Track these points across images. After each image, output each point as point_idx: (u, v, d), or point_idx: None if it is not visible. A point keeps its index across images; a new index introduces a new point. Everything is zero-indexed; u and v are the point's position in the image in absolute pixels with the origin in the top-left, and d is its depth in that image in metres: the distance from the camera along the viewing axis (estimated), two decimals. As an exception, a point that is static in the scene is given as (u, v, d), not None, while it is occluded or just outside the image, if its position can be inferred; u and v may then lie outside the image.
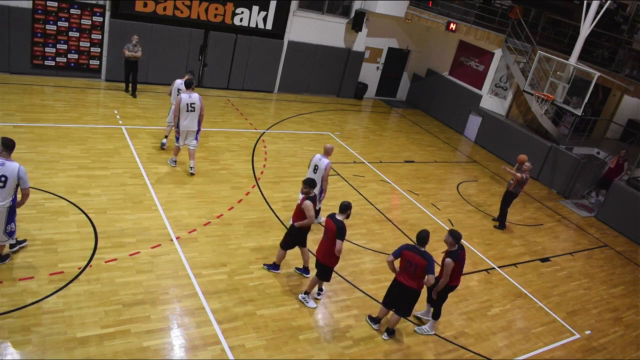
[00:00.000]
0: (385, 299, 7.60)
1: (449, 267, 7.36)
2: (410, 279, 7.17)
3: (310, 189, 7.82)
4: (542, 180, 15.83)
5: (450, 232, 7.45)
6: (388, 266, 7.31)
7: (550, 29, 18.64)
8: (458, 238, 7.38)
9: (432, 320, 7.98)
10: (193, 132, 10.52)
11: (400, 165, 14.37)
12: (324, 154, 9.45)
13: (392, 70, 20.70)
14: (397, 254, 7.20)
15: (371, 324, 7.76)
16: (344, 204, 7.44)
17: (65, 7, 13.65)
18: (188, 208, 9.57)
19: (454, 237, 7.38)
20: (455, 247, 7.41)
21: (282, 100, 17.52)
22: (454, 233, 7.42)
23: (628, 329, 9.53)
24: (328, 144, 9.88)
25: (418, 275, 7.12)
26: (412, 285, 7.18)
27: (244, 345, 6.77)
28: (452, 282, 7.58)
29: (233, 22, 16.16)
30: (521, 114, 17.32)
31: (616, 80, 14.39)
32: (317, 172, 9.35)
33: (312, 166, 9.48)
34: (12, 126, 10.90)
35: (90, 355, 6.02)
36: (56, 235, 7.89)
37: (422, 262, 7.00)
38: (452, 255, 7.39)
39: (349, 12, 18.32)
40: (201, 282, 7.70)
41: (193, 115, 10.31)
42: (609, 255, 12.31)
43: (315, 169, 9.39)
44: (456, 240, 7.37)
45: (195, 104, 10.23)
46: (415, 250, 7.08)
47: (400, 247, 7.27)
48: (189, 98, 10.17)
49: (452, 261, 7.35)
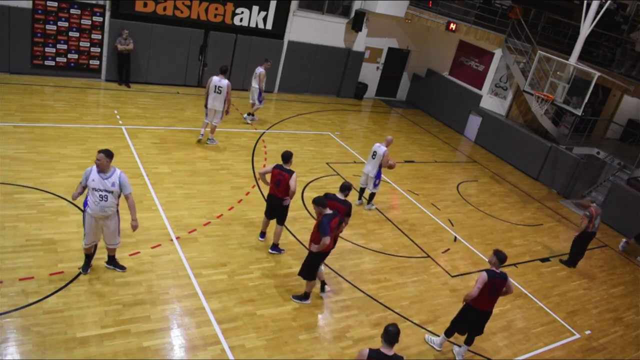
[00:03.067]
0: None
1: (482, 282, 6.93)
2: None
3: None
4: (542, 180, 15.83)
5: (495, 252, 7.13)
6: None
7: (550, 29, 18.64)
8: (503, 259, 7.04)
9: (444, 337, 7.63)
10: (219, 112, 12.09)
11: (400, 165, 14.36)
12: (383, 143, 10.79)
13: (392, 70, 20.70)
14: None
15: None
16: (345, 184, 8.00)
17: (65, 7, 13.65)
18: (188, 208, 9.57)
19: (499, 257, 7.05)
20: (498, 270, 7.09)
21: (282, 100, 17.52)
22: (499, 254, 7.07)
23: (628, 329, 9.53)
24: (389, 136, 11.12)
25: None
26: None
27: (244, 345, 6.77)
28: (482, 305, 7.16)
29: (233, 22, 16.16)
30: (521, 114, 17.33)
31: (616, 80, 14.39)
32: (375, 158, 10.83)
33: (371, 152, 10.96)
34: (12, 126, 10.90)
35: (90, 355, 6.02)
36: (56, 235, 7.89)
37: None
38: (490, 273, 7.02)
39: (349, 12, 18.32)
40: (201, 282, 7.70)
41: (220, 97, 11.86)
42: (609, 255, 12.30)
43: (374, 155, 10.84)
44: (501, 261, 7.03)
45: (222, 88, 11.78)
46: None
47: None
48: (218, 81, 11.81)
49: (487, 277, 6.95)
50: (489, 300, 7.10)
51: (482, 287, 6.91)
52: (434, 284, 9.26)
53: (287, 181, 8.32)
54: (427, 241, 10.65)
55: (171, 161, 11.16)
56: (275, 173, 8.45)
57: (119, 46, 14.25)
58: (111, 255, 7.43)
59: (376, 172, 10.90)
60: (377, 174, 10.94)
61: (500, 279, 7.00)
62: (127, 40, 14.31)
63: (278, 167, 8.46)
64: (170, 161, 11.15)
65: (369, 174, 11.01)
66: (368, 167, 11.03)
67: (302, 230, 9.79)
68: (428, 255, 10.14)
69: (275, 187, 8.49)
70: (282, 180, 8.37)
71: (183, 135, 12.59)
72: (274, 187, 8.51)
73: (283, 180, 8.37)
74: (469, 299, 7.05)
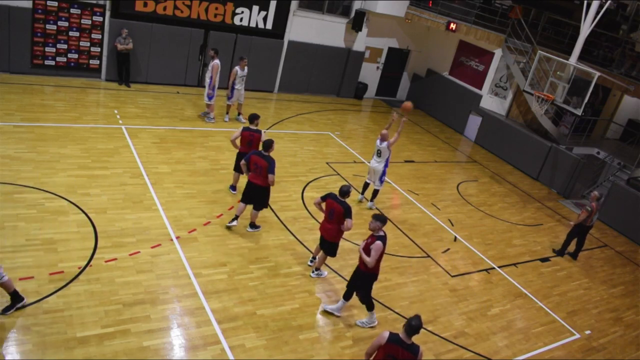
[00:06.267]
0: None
1: (378, 251, 7.04)
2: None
3: (382, 224, 7.23)
4: (542, 180, 15.83)
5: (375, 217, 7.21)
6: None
7: (550, 29, 18.64)
8: (384, 221, 7.16)
9: (342, 301, 7.67)
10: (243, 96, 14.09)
11: (400, 165, 14.37)
12: (381, 139, 10.85)
13: (392, 70, 20.70)
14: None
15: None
16: (343, 189, 7.95)
17: (65, 7, 13.64)
18: (188, 208, 9.57)
19: (381, 221, 7.14)
20: (382, 232, 7.20)
21: (282, 100, 17.51)
22: (380, 217, 7.19)
23: (628, 329, 9.53)
24: (383, 130, 11.11)
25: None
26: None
27: (244, 345, 6.76)
28: (375, 269, 7.29)
29: (233, 22, 16.16)
30: (521, 114, 17.33)
31: (616, 80, 14.39)
32: (380, 156, 10.89)
33: (375, 151, 11.01)
34: (12, 126, 10.90)
35: (90, 355, 6.02)
36: (56, 235, 7.89)
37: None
38: (382, 239, 7.13)
39: (349, 12, 18.32)
40: (201, 282, 7.70)
41: (243, 84, 13.74)
42: (609, 255, 12.31)
43: (379, 154, 10.90)
44: (383, 223, 7.15)
45: (245, 76, 13.60)
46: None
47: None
48: (241, 72, 13.46)
49: (382, 245, 7.07)
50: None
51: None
52: (434, 284, 9.27)
53: (259, 140, 9.63)
54: (427, 241, 10.65)
55: (171, 161, 11.16)
56: (246, 135, 9.78)
57: (118, 46, 14.26)
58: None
59: (383, 167, 10.96)
60: (383, 171, 11.01)
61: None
62: (126, 40, 14.31)
63: (246, 129, 9.79)
64: (170, 161, 11.15)
65: (376, 169, 10.99)
66: (374, 163, 11.04)
67: (302, 230, 9.79)
68: (428, 255, 10.14)
69: (248, 146, 9.76)
70: (254, 140, 9.74)
71: (183, 135, 12.59)
72: (246, 146, 9.80)
73: (254, 140, 9.73)
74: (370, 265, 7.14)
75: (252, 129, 9.78)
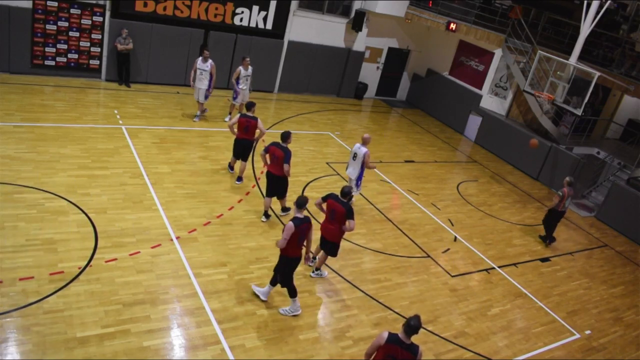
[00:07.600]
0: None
1: (289, 232, 6.93)
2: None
3: (297, 208, 7.19)
4: (542, 180, 15.83)
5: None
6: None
7: (550, 29, 18.64)
8: (299, 205, 7.09)
9: (269, 286, 7.62)
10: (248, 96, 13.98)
11: (400, 165, 14.37)
12: (362, 143, 10.49)
13: (392, 70, 20.70)
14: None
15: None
16: (345, 190, 7.90)
17: (65, 7, 13.64)
18: (188, 208, 9.57)
19: (297, 204, 7.10)
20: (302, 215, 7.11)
21: (282, 100, 17.52)
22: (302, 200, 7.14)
23: (628, 329, 9.53)
24: (366, 134, 10.78)
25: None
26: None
27: (244, 345, 6.77)
28: (292, 252, 7.17)
29: (233, 22, 16.16)
30: (521, 114, 17.33)
31: (616, 80, 14.39)
32: (356, 159, 10.50)
33: (351, 154, 10.60)
34: (12, 126, 10.90)
35: (90, 355, 6.02)
36: (56, 235, 7.89)
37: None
38: (295, 221, 7.01)
39: (349, 12, 18.32)
40: (201, 282, 7.70)
41: (248, 84, 13.85)
42: (609, 255, 12.31)
43: (355, 157, 10.51)
44: (298, 207, 7.08)
45: (249, 76, 13.69)
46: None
47: None
48: (245, 71, 13.50)
49: (293, 225, 6.94)
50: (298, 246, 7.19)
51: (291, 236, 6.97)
52: (434, 284, 9.27)
53: (255, 127, 10.19)
54: (427, 241, 10.66)
55: (171, 161, 11.16)
56: (242, 121, 10.17)
57: (118, 46, 14.26)
58: None
59: (358, 173, 10.48)
60: (359, 176, 10.52)
61: (307, 223, 7.15)
62: (126, 40, 14.31)
63: (243, 115, 10.23)
64: (170, 161, 11.15)
65: (351, 176, 10.60)
66: (349, 169, 10.61)
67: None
68: (428, 255, 10.15)
69: (244, 132, 10.24)
70: (250, 127, 10.21)
71: (183, 135, 12.59)
72: (243, 132, 10.26)
73: (250, 126, 10.20)
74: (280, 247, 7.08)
75: (248, 115, 10.24)
